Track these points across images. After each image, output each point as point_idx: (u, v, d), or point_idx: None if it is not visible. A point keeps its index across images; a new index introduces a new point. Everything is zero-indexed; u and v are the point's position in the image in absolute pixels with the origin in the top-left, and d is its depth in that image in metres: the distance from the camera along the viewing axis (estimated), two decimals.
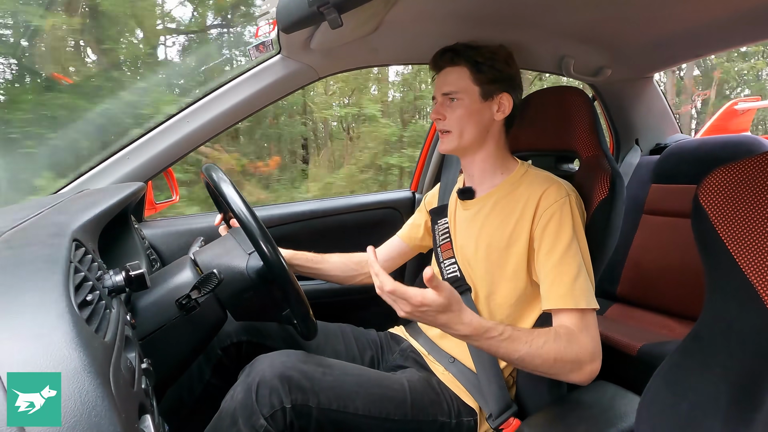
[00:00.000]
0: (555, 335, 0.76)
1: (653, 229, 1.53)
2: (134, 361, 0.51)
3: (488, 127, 0.95)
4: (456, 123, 0.94)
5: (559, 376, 0.77)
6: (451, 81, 0.94)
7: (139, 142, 1.15)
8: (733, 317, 0.53)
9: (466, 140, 0.95)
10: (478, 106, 0.93)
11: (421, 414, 0.88)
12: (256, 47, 1.14)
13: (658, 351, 1.16)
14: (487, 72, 0.92)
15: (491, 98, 0.93)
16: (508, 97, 0.94)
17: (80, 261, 0.55)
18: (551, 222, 0.84)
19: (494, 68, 0.93)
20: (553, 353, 0.74)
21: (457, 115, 0.93)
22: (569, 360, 0.75)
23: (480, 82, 0.92)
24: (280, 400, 0.76)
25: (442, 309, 0.68)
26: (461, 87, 0.93)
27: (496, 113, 0.94)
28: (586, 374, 0.77)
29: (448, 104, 0.95)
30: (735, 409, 0.50)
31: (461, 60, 0.93)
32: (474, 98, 0.93)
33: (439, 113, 0.95)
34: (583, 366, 0.76)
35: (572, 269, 0.81)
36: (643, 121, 1.74)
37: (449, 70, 0.94)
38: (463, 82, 0.93)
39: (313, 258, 1.15)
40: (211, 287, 0.78)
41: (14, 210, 0.73)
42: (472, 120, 0.93)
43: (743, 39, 1.29)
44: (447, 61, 0.94)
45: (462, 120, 0.93)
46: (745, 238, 0.52)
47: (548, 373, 0.76)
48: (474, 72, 0.92)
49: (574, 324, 0.78)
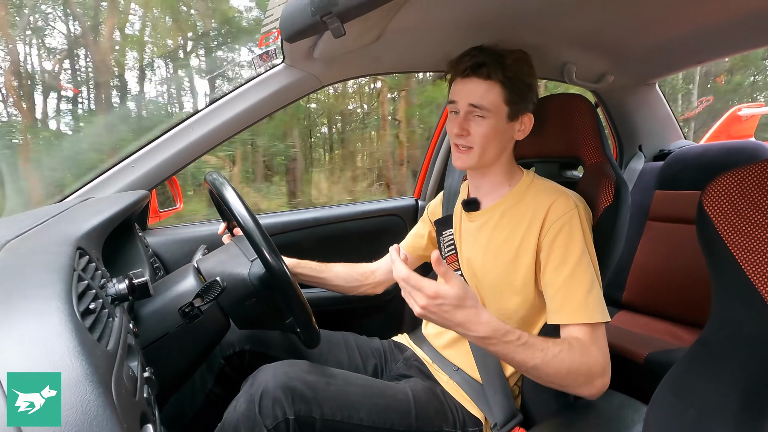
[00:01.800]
0: (569, 346, 0.74)
1: (658, 236, 1.52)
2: (136, 369, 0.51)
3: (507, 145, 0.93)
4: (480, 140, 0.88)
5: (570, 388, 0.75)
6: (481, 94, 0.86)
7: (144, 150, 1.15)
8: (740, 323, 0.52)
9: (487, 159, 0.91)
10: (504, 126, 0.89)
11: (426, 424, 0.87)
12: (260, 56, 1.15)
13: (665, 359, 1.15)
14: (517, 91, 0.87)
15: (516, 119, 0.90)
16: (530, 117, 0.92)
17: (84, 269, 0.55)
18: (560, 235, 0.82)
19: (523, 84, 0.88)
20: (567, 364, 0.72)
21: (483, 132, 0.87)
22: (582, 372, 0.73)
23: (510, 101, 0.87)
24: (283, 411, 0.76)
25: (458, 302, 0.66)
26: (492, 105, 0.86)
27: (518, 133, 0.92)
28: (596, 388, 0.75)
29: (473, 118, 0.88)
30: (744, 416, 0.49)
31: (498, 75, 0.85)
32: (501, 118, 0.88)
33: (463, 128, 0.88)
34: (595, 379, 0.74)
35: (585, 283, 0.79)
36: (647, 128, 1.74)
37: (479, 83, 0.87)
38: (495, 99, 0.86)
39: (316, 267, 1.15)
40: (214, 295, 0.77)
41: (19, 219, 0.74)
42: (496, 139, 0.89)
43: (745, 45, 1.29)
44: (482, 75, 0.86)
45: (487, 138, 0.88)
46: (749, 244, 0.52)
47: (560, 385, 0.74)
48: (505, 91, 0.86)
49: (585, 337, 0.77)
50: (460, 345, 0.98)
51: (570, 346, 0.74)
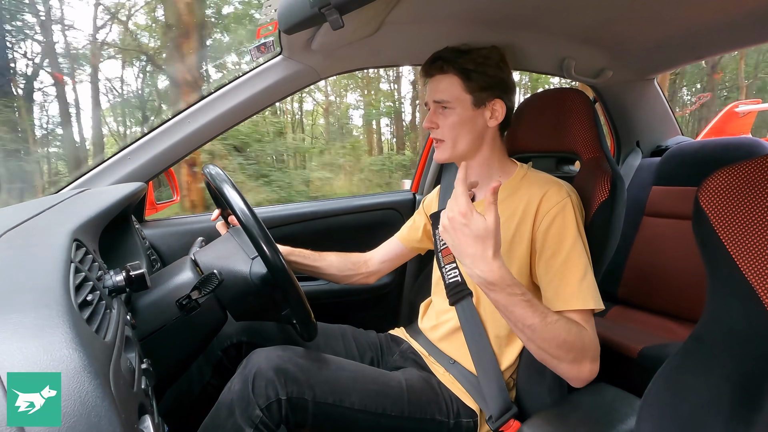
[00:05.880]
0: (567, 320, 0.74)
1: (654, 231, 1.53)
2: (134, 361, 0.51)
3: (482, 134, 0.95)
4: (449, 132, 0.93)
5: (559, 361, 0.74)
6: (442, 89, 0.92)
7: (140, 142, 1.15)
8: (734, 319, 0.53)
9: (461, 149, 0.94)
10: (471, 113, 0.92)
11: (419, 412, 0.88)
12: (258, 48, 1.14)
13: (659, 353, 1.16)
14: (477, 79, 0.91)
15: (484, 105, 0.92)
16: (501, 104, 0.93)
17: (81, 261, 0.55)
18: (554, 224, 0.84)
19: (485, 74, 0.91)
20: (564, 334, 0.72)
21: (450, 123, 0.92)
22: (577, 347, 0.73)
23: (471, 90, 0.91)
24: (275, 391, 0.77)
25: (480, 234, 0.67)
26: (452, 96, 0.91)
27: (490, 120, 0.94)
28: (585, 372, 0.75)
29: (441, 112, 0.93)
30: (737, 411, 0.50)
31: (451, 68, 0.91)
32: (466, 106, 0.92)
33: (432, 121, 0.94)
34: (585, 360, 0.74)
35: (579, 270, 0.80)
36: (644, 123, 1.74)
37: (440, 78, 0.93)
38: (454, 91, 0.91)
39: (310, 255, 1.15)
40: (212, 288, 0.78)
41: (15, 210, 0.73)
42: (465, 128, 0.92)
43: (745, 41, 1.29)
44: (437, 69, 0.93)
45: (455, 129, 0.92)
46: (745, 240, 0.52)
47: (552, 354, 0.73)
48: (464, 80, 0.91)
49: (581, 322, 0.77)
50: (455, 338, 0.99)
51: (567, 320, 0.74)
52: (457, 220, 0.69)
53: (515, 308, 0.71)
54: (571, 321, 0.75)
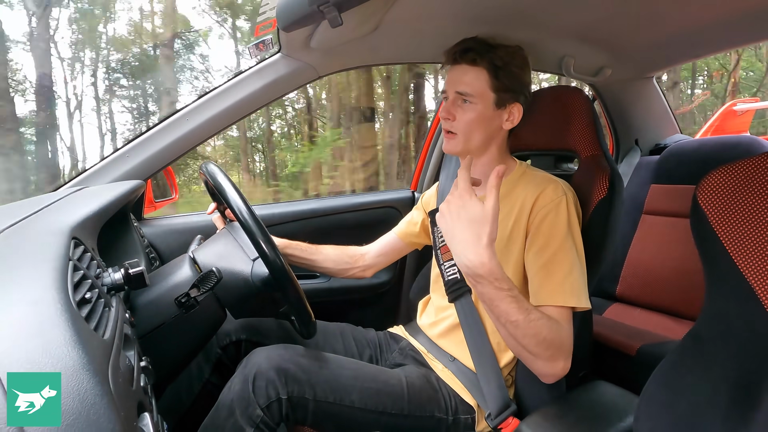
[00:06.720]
0: (548, 318, 0.75)
1: (653, 229, 1.53)
2: (133, 359, 0.51)
3: (495, 135, 0.94)
4: (464, 127, 0.91)
5: (536, 358, 0.74)
6: (468, 81, 0.89)
7: (139, 140, 1.14)
8: (732, 317, 0.53)
9: (472, 146, 0.93)
10: (491, 113, 0.91)
11: (418, 409, 0.88)
12: (256, 45, 1.13)
13: (657, 351, 1.16)
14: (504, 79, 0.89)
15: (504, 107, 0.91)
16: (519, 108, 0.93)
17: (79, 259, 0.55)
18: (546, 220, 0.84)
19: (512, 74, 0.90)
20: (544, 331, 0.72)
21: (467, 118, 0.90)
22: (554, 345, 0.74)
23: (496, 88, 0.89)
24: (276, 391, 0.77)
25: (477, 217, 0.67)
26: (477, 90, 0.89)
27: (505, 122, 0.93)
28: (557, 369, 0.75)
29: (460, 104, 0.91)
30: (734, 409, 0.50)
31: (483, 62, 0.88)
32: (488, 105, 0.90)
33: (450, 113, 0.92)
34: (559, 357, 0.75)
35: (565, 266, 0.80)
36: (643, 122, 1.74)
37: (466, 69, 0.90)
38: (480, 86, 0.89)
39: (307, 248, 1.15)
40: (210, 285, 0.78)
41: (13, 208, 0.73)
42: (482, 127, 0.91)
43: (744, 39, 1.29)
44: (468, 60, 0.89)
45: (471, 125, 0.91)
46: (743, 238, 0.52)
47: (530, 351, 0.74)
48: (492, 77, 0.89)
49: (559, 318, 0.78)
50: (454, 334, 0.99)
51: (549, 318, 0.75)
52: (455, 203, 0.69)
53: (501, 303, 0.70)
54: (552, 319, 0.76)
